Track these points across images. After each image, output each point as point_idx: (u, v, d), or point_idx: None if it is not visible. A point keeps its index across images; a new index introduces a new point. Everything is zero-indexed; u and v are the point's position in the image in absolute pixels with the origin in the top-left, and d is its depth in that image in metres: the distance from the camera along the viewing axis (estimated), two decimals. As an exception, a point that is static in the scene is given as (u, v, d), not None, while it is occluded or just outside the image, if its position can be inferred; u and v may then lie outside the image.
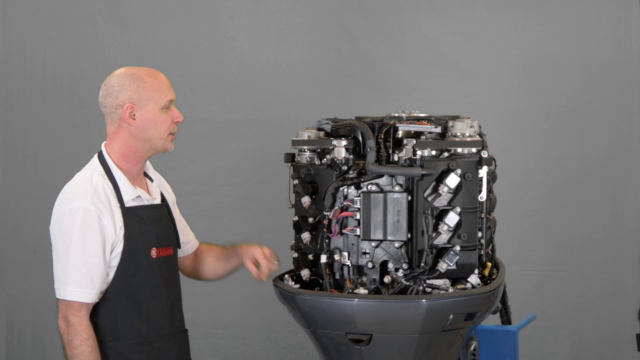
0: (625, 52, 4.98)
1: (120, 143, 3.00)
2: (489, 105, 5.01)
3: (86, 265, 2.86)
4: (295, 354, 5.12)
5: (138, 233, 2.94)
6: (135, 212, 2.96)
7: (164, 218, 3.08)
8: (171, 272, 3.08)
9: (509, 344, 3.52)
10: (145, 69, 3.04)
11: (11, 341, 5.43)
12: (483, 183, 2.97)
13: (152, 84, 3.00)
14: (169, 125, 3.01)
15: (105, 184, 2.94)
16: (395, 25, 5.13)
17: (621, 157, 5.03)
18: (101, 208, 2.88)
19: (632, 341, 4.90)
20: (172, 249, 3.09)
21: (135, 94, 2.97)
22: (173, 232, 3.13)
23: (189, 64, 5.19)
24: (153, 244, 2.98)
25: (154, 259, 2.98)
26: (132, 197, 2.97)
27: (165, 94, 3.01)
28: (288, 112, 5.10)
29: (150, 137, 2.99)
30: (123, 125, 2.98)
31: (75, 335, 2.86)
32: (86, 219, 2.86)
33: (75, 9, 5.28)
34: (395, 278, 2.95)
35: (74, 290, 2.87)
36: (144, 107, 2.97)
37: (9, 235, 5.39)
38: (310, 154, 3.13)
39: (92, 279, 2.87)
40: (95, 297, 2.89)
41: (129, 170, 3.01)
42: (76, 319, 2.86)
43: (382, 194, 2.95)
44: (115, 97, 2.98)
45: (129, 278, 2.93)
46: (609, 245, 5.06)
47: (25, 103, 5.36)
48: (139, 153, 3.02)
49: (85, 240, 2.86)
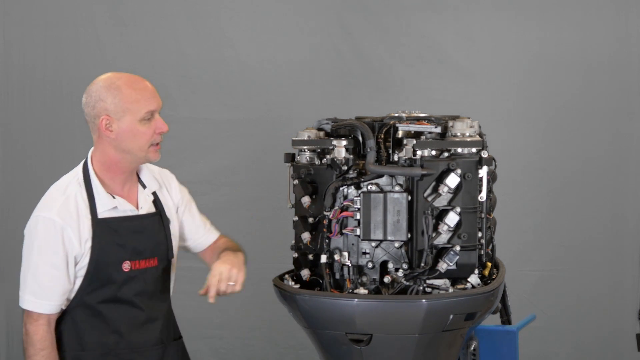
0: (625, 52, 4.98)
1: (101, 152, 2.93)
2: (489, 105, 5.01)
3: (44, 276, 2.82)
4: (295, 354, 5.11)
5: (108, 245, 2.85)
6: (108, 223, 2.86)
7: (148, 228, 2.96)
8: (151, 284, 2.96)
9: (509, 344, 3.52)
10: (126, 78, 2.92)
11: (11, 341, 5.43)
12: (483, 183, 2.97)
13: (129, 95, 2.86)
14: (148, 137, 2.89)
15: (80, 194, 2.87)
16: (395, 25, 5.13)
17: (621, 157, 5.03)
18: (67, 219, 2.81)
19: (632, 341, 4.89)
20: (157, 260, 2.97)
21: (111, 105, 2.86)
22: (161, 242, 2.99)
23: (189, 64, 5.19)
24: (126, 257, 2.88)
25: (126, 272, 2.88)
26: (108, 208, 2.88)
27: (144, 105, 2.87)
28: (288, 112, 5.10)
29: (130, 149, 2.88)
30: (102, 136, 2.90)
31: (30, 344, 2.83)
32: (49, 230, 2.81)
33: (75, 9, 5.28)
34: (395, 278, 2.95)
35: (30, 300, 2.86)
36: (121, 119, 2.86)
37: (9, 235, 5.39)
38: (310, 154, 3.13)
39: (51, 291, 2.82)
40: (53, 309, 2.84)
41: (111, 179, 2.92)
42: (32, 328, 2.84)
43: (382, 194, 2.95)
44: (92, 108, 2.90)
45: (94, 290, 2.86)
46: (609, 245, 5.06)
47: (25, 103, 5.35)
48: (121, 164, 2.91)
49: (46, 251, 2.81)
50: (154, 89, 2.93)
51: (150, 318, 2.96)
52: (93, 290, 2.86)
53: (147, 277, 2.94)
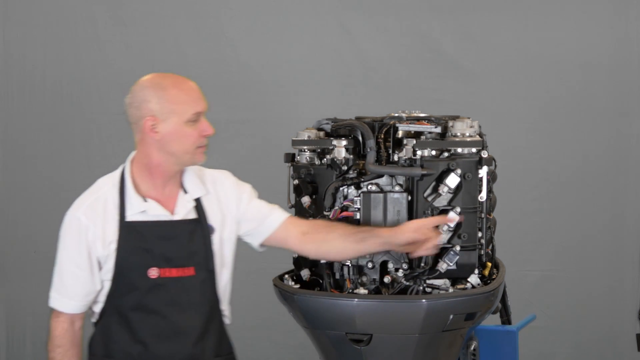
0: (625, 52, 4.99)
1: (143, 154, 2.79)
2: (489, 105, 5.01)
3: (67, 274, 2.78)
4: (295, 354, 5.11)
5: (134, 250, 2.75)
6: (135, 227, 2.76)
7: (181, 235, 2.79)
8: (183, 294, 2.79)
9: (509, 344, 3.52)
10: (172, 78, 2.81)
11: (11, 341, 5.43)
12: (483, 183, 2.97)
13: (176, 96, 2.75)
14: (194, 139, 2.77)
15: (112, 195, 2.78)
16: (395, 25, 5.13)
17: (621, 157, 5.03)
18: (93, 219, 2.74)
19: (632, 341, 4.89)
20: (195, 269, 2.79)
21: (157, 106, 2.73)
22: (198, 251, 2.81)
23: (189, 64, 5.19)
24: (153, 263, 2.75)
25: (153, 279, 2.75)
26: (137, 211, 2.77)
27: (190, 107, 2.75)
28: (288, 112, 5.10)
29: (175, 152, 2.76)
30: (146, 138, 2.76)
31: (49, 339, 2.84)
32: (74, 229, 2.76)
33: (75, 9, 5.28)
34: (395, 278, 2.95)
35: (53, 297, 2.84)
36: (166, 120, 2.73)
37: (9, 235, 5.39)
38: (310, 154, 3.13)
39: (73, 289, 2.78)
40: (76, 308, 2.80)
41: (150, 181, 2.80)
42: (53, 324, 2.84)
43: (382, 194, 2.95)
44: (137, 108, 2.76)
45: (120, 296, 2.77)
46: (609, 245, 5.06)
47: (25, 103, 5.35)
48: (164, 166, 2.78)
49: (71, 249, 2.77)
50: (199, 90, 2.83)
51: (181, 331, 2.80)
52: (120, 295, 2.77)
53: (180, 287, 2.78)
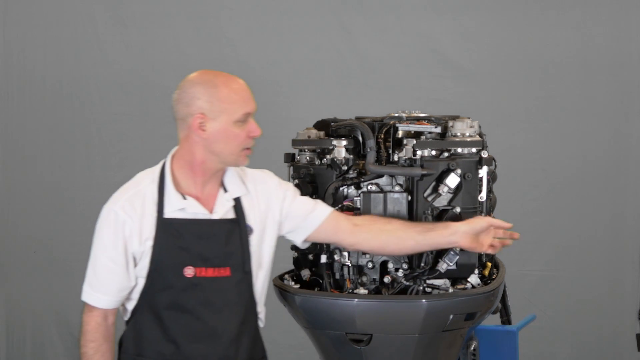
0: (625, 53, 4.99)
1: (186, 151, 2.75)
2: (489, 105, 5.01)
3: (101, 269, 2.72)
4: (295, 354, 5.11)
5: (170, 247, 2.70)
6: (173, 224, 2.71)
7: (219, 235, 2.74)
8: (218, 294, 2.74)
9: (509, 344, 3.52)
10: (223, 76, 2.76)
11: (11, 341, 5.43)
12: (483, 183, 2.97)
13: (227, 94, 2.71)
14: (242, 140, 2.74)
15: (150, 191, 2.73)
16: (395, 25, 5.13)
17: (621, 157, 5.03)
18: (130, 214, 2.69)
19: (632, 341, 4.90)
20: (230, 270, 2.74)
21: (207, 104, 2.69)
22: (235, 252, 2.76)
23: (189, 64, 5.17)
24: (189, 262, 2.70)
25: (189, 278, 2.70)
26: (176, 208, 2.71)
27: (241, 106, 2.73)
28: (288, 112, 5.10)
29: (220, 152, 2.72)
30: (192, 135, 2.72)
31: (82, 334, 2.77)
32: (111, 223, 2.70)
33: (75, 9, 5.29)
34: (395, 278, 2.95)
35: (86, 291, 2.77)
36: (216, 119, 2.69)
37: (9, 235, 5.39)
38: (310, 154, 3.12)
39: (106, 284, 2.72)
40: (109, 303, 2.74)
41: (191, 179, 2.75)
42: (85, 319, 2.77)
43: (382, 194, 2.95)
44: (186, 105, 2.71)
45: (155, 294, 2.72)
46: (609, 245, 5.06)
47: (25, 103, 5.36)
48: (206, 165, 2.74)
49: (106, 243, 2.70)
50: (249, 90, 2.80)
51: (215, 332, 2.75)
52: (154, 293, 2.72)
53: (215, 288, 2.73)
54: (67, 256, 5.27)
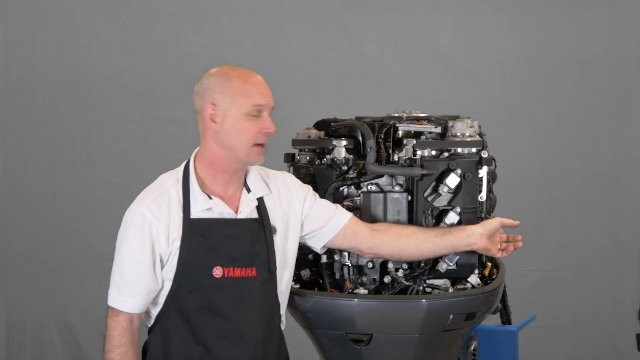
0: (625, 52, 4.99)
1: (204, 147, 2.75)
2: (489, 105, 5.02)
3: (129, 272, 2.66)
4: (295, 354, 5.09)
5: (199, 248, 2.67)
6: (200, 224, 2.68)
7: (245, 234, 2.72)
8: (245, 295, 2.72)
9: (509, 344, 3.52)
10: (241, 70, 2.76)
11: (11, 341, 5.43)
12: (483, 183, 2.97)
13: (240, 86, 2.70)
14: (253, 134, 2.69)
15: (176, 191, 2.71)
16: (395, 25, 5.13)
17: (621, 157, 5.03)
18: (157, 215, 2.66)
19: (632, 341, 4.89)
20: (256, 270, 2.72)
21: (219, 94, 2.69)
22: (261, 252, 2.74)
23: (189, 64, 5.19)
24: (217, 262, 2.68)
25: (218, 278, 2.67)
26: (202, 208, 2.69)
27: (252, 99, 2.69)
28: (288, 112, 5.09)
29: (231, 145, 2.69)
30: (207, 128, 2.72)
31: (107, 339, 2.68)
32: (138, 224, 2.66)
33: (75, 9, 5.29)
34: (395, 278, 2.95)
35: (113, 296, 2.69)
36: (226, 110, 2.68)
37: (9, 235, 5.39)
38: (310, 154, 3.12)
39: (134, 288, 2.66)
40: (136, 307, 2.68)
41: (213, 178, 2.74)
42: (111, 323, 2.68)
43: (382, 194, 2.95)
44: (201, 96, 2.73)
45: (183, 296, 2.68)
46: (609, 245, 5.06)
47: (25, 103, 5.36)
48: (223, 161, 2.72)
49: (133, 246, 2.66)
50: (267, 87, 2.76)
51: (243, 334, 2.72)
52: (182, 295, 2.68)
53: (242, 288, 2.71)
54: (67, 256, 5.28)
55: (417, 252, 2.86)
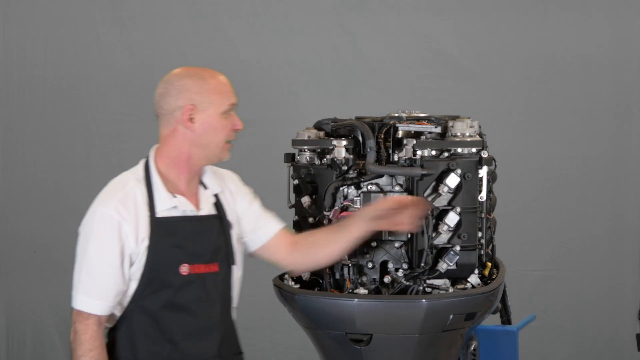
0: (625, 52, 4.99)
1: (172, 147, 2.76)
2: (489, 105, 5.02)
3: (99, 275, 2.66)
4: (295, 354, 5.11)
5: (166, 246, 2.70)
6: (167, 223, 2.71)
7: (209, 231, 2.78)
8: (210, 290, 2.76)
9: (509, 344, 3.52)
10: (208, 70, 2.81)
11: (11, 341, 5.43)
12: (483, 183, 2.97)
13: (215, 86, 2.76)
14: (227, 132, 2.76)
15: (140, 191, 2.72)
16: (395, 25, 5.13)
17: (621, 156, 5.03)
18: (125, 215, 2.67)
19: (632, 341, 4.89)
20: (218, 265, 2.77)
21: (197, 95, 2.72)
22: (222, 247, 2.80)
23: (189, 64, 5.14)
24: (184, 260, 2.71)
25: (184, 275, 2.70)
26: (168, 207, 2.72)
27: (227, 98, 2.76)
28: (288, 112, 5.10)
29: (208, 144, 2.74)
30: (178, 129, 2.73)
31: (79, 344, 2.66)
32: (106, 226, 2.66)
33: (75, 9, 5.29)
34: (395, 278, 2.95)
35: (83, 300, 2.67)
36: (205, 110, 2.72)
37: (9, 235, 5.40)
38: (310, 154, 3.13)
39: (104, 290, 2.66)
40: (105, 309, 2.68)
41: (175, 177, 2.77)
42: (82, 327, 2.66)
43: (382, 194, 2.95)
44: (175, 98, 2.73)
45: (151, 294, 2.69)
46: (609, 245, 5.06)
47: (25, 103, 5.36)
48: (192, 160, 2.76)
49: (102, 247, 2.66)
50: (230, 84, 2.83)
51: (208, 328, 2.77)
52: (149, 294, 2.70)
53: (206, 283, 2.75)
54: (67, 256, 5.26)
55: (328, 259, 2.92)
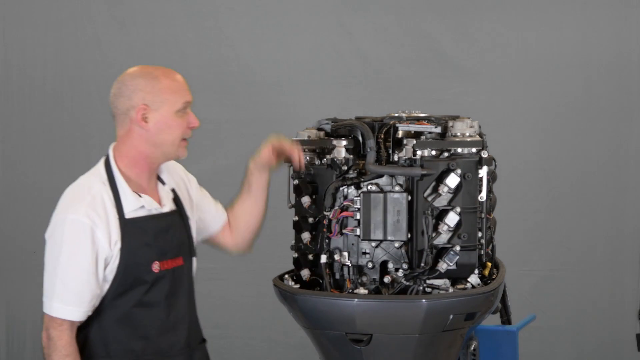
0: (626, 53, 4.99)
1: (129, 147, 2.80)
2: (489, 105, 5.02)
3: (74, 281, 2.66)
4: (295, 354, 5.11)
5: (138, 246, 2.73)
6: (136, 223, 2.74)
7: (173, 226, 2.84)
8: (177, 284, 2.83)
9: (509, 344, 3.52)
10: (162, 69, 2.82)
11: (11, 341, 5.43)
12: (483, 183, 2.97)
13: (168, 85, 2.78)
14: (183, 130, 2.80)
15: (105, 193, 2.73)
16: (395, 25, 5.13)
17: (621, 157, 5.03)
18: (96, 220, 2.67)
19: (632, 341, 4.89)
20: (182, 259, 2.85)
21: (149, 95, 2.75)
22: (185, 240, 2.88)
23: (189, 64, 5.19)
24: (155, 257, 2.75)
25: (156, 273, 2.75)
26: (135, 208, 2.75)
27: (181, 96, 2.79)
28: (288, 112, 5.10)
29: (162, 142, 2.78)
30: (134, 128, 2.78)
31: (54, 350, 2.66)
32: (78, 232, 2.66)
33: (75, 9, 5.29)
34: (395, 278, 2.95)
35: (59, 307, 2.66)
36: (158, 109, 2.76)
37: (9, 235, 5.40)
38: (310, 154, 3.12)
39: (80, 296, 2.67)
40: (82, 315, 2.69)
41: (137, 176, 2.80)
42: (56, 333, 2.67)
43: (382, 194, 2.94)
44: (128, 98, 2.78)
45: (124, 294, 2.72)
46: (609, 245, 5.06)
47: (25, 103, 5.36)
48: (149, 159, 2.80)
49: (75, 254, 2.66)
50: (186, 82, 2.86)
51: (177, 321, 2.84)
52: (122, 293, 2.72)
53: (174, 278, 2.81)
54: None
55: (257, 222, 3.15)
